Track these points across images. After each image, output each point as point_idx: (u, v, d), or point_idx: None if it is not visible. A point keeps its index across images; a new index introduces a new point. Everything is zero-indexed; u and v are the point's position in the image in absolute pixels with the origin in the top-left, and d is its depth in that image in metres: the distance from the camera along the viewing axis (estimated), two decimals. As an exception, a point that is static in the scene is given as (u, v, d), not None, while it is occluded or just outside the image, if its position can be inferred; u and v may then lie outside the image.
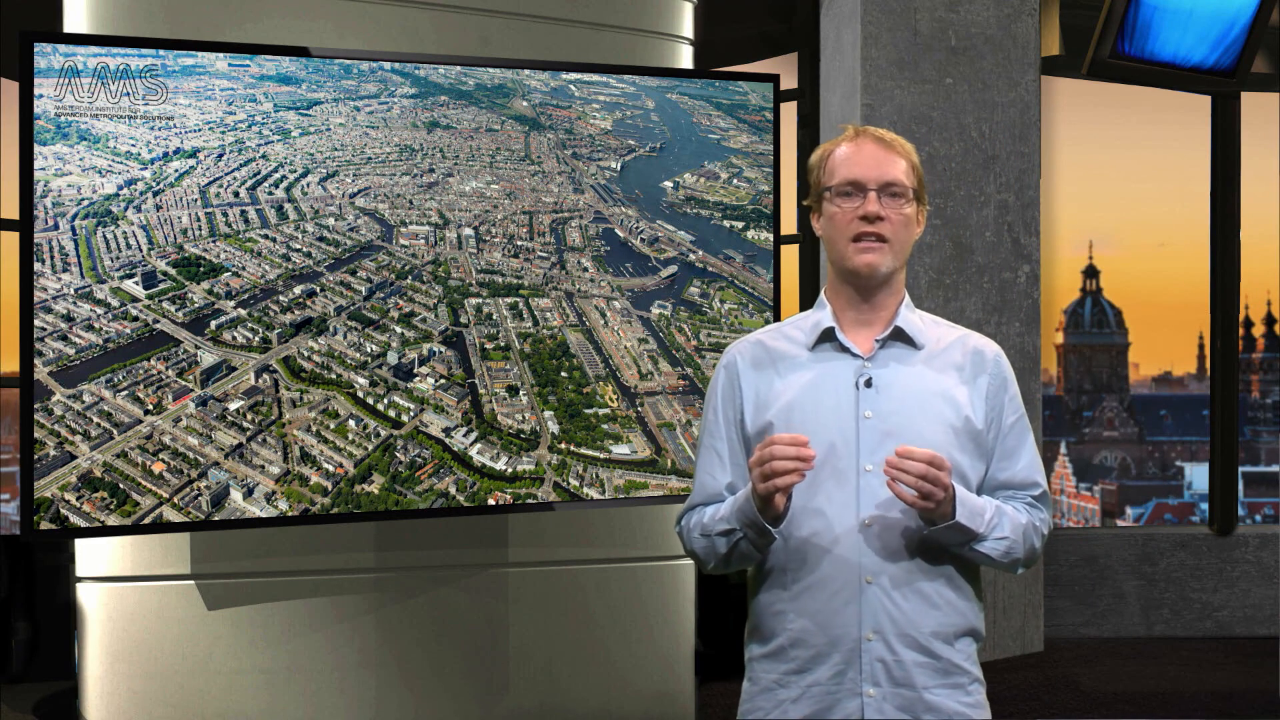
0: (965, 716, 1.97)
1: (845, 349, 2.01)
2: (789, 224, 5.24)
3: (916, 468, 1.83)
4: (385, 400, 3.50)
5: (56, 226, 3.22)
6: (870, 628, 1.93)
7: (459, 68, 3.67)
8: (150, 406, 3.28)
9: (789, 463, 1.82)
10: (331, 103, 3.53)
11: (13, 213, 3.44)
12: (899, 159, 2.00)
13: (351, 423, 3.46)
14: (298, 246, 3.46)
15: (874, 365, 1.99)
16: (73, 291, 3.23)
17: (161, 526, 3.30)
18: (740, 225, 3.89)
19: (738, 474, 2.05)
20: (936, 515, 1.89)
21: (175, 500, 3.29)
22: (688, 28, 4.27)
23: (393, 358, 3.51)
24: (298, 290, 3.44)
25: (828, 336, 2.02)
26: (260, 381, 3.38)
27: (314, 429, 3.42)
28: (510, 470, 3.59)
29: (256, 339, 3.39)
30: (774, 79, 3.95)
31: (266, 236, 3.44)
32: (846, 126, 2.06)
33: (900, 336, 2.02)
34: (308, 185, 3.48)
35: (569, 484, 3.64)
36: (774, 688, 2.00)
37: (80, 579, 3.66)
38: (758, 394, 2.04)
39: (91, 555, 3.64)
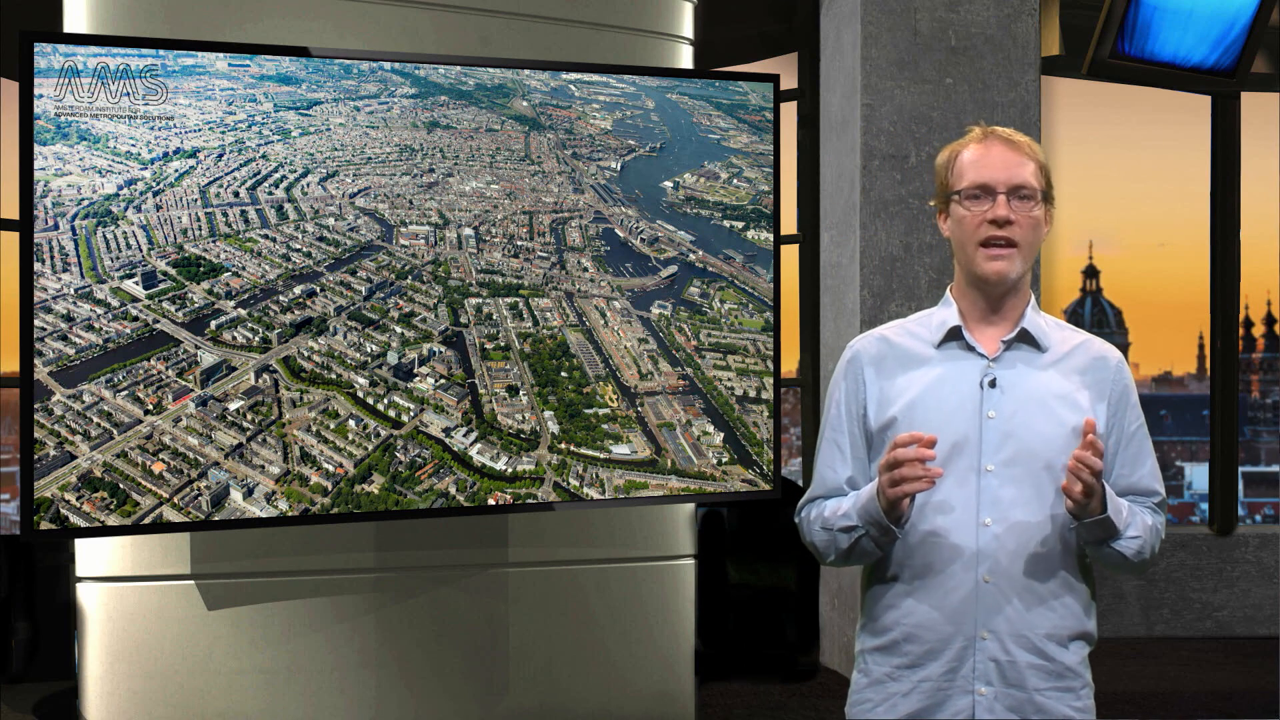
0: None
1: (971, 348, 2.03)
2: (789, 224, 5.24)
3: (1096, 463, 1.85)
4: (385, 400, 3.50)
5: (56, 226, 3.22)
6: (985, 626, 1.95)
7: (459, 68, 3.67)
8: (150, 406, 3.28)
9: (916, 468, 1.84)
10: (331, 103, 3.53)
11: (13, 213, 3.44)
12: (1028, 160, 2.00)
13: (351, 423, 3.46)
14: (298, 246, 3.46)
15: (999, 366, 2.01)
16: (73, 291, 3.23)
17: (161, 526, 3.30)
18: (740, 225, 3.89)
19: (858, 468, 2.07)
20: (1088, 510, 1.90)
21: (175, 500, 3.29)
22: (688, 28, 4.27)
23: (393, 358, 3.51)
24: (298, 290, 3.44)
25: (954, 335, 2.04)
26: (260, 381, 3.38)
27: (314, 429, 3.42)
28: (510, 470, 3.59)
29: (256, 339, 3.39)
30: (774, 79, 3.95)
31: (266, 236, 3.44)
32: (973, 127, 2.06)
33: (1026, 339, 2.03)
34: (308, 185, 3.48)
35: (569, 484, 3.64)
36: (885, 680, 2.02)
37: (80, 579, 3.66)
38: (881, 390, 2.05)
39: (91, 555, 3.64)
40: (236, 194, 3.41)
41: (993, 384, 2.00)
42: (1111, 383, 2.04)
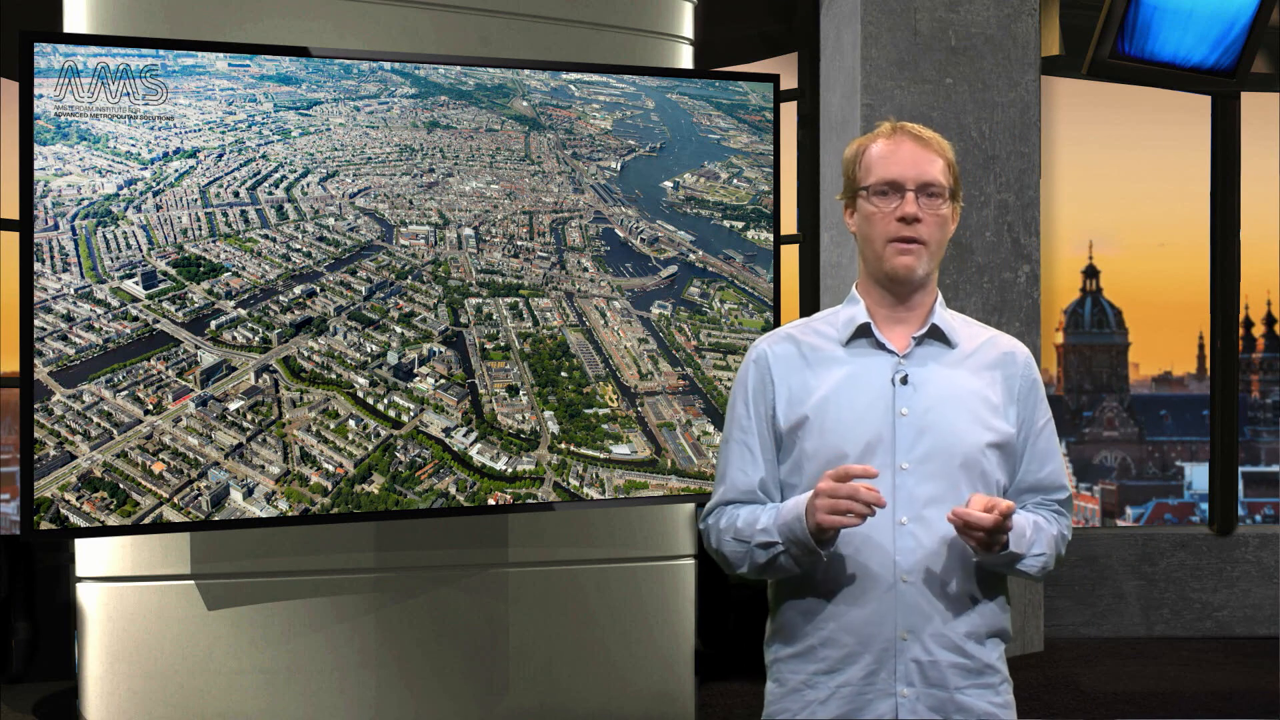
0: (995, 717, 1.96)
1: (881, 346, 1.99)
2: (789, 224, 5.24)
3: (984, 519, 1.82)
4: (385, 400, 3.50)
5: (56, 226, 3.22)
6: (905, 627, 1.92)
7: (459, 68, 3.67)
8: (150, 406, 3.28)
9: (863, 507, 1.81)
10: (331, 103, 3.53)
11: (13, 213, 3.44)
12: (936, 157, 1.98)
13: (351, 423, 3.45)
14: (298, 246, 3.46)
15: (910, 363, 1.98)
16: (73, 291, 3.23)
17: (161, 526, 3.30)
18: (740, 225, 3.89)
19: (769, 469, 2.02)
20: (992, 550, 1.89)
21: (175, 500, 3.29)
22: (688, 28, 4.27)
23: (393, 358, 3.51)
24: (298, 290, 3.44)
25: (863, 333, 2.01)
26: (260, 381, 3.38)
27: (314, 429, 3.42)
28: (510, 470, 3.59)
29: (256, 339, 3.39)
30: (774, 79, 3.95)
31: (266, 236, 3.44)
32: (883, 122, 2.03)
33: (936, 335, 2.01)
34: (308, 185, 3.48)
35: (569, 484, 3.64)
36: (801, 689, 1.99)
37: (80, 579, 3.66)
38: (790, 389, 2.00)
39: (91, 555, 3.64)
40: (236, 194, 3.41)
41: (904, 381, 1.97)
42: (1020, 379, 2.02)
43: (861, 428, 1.94)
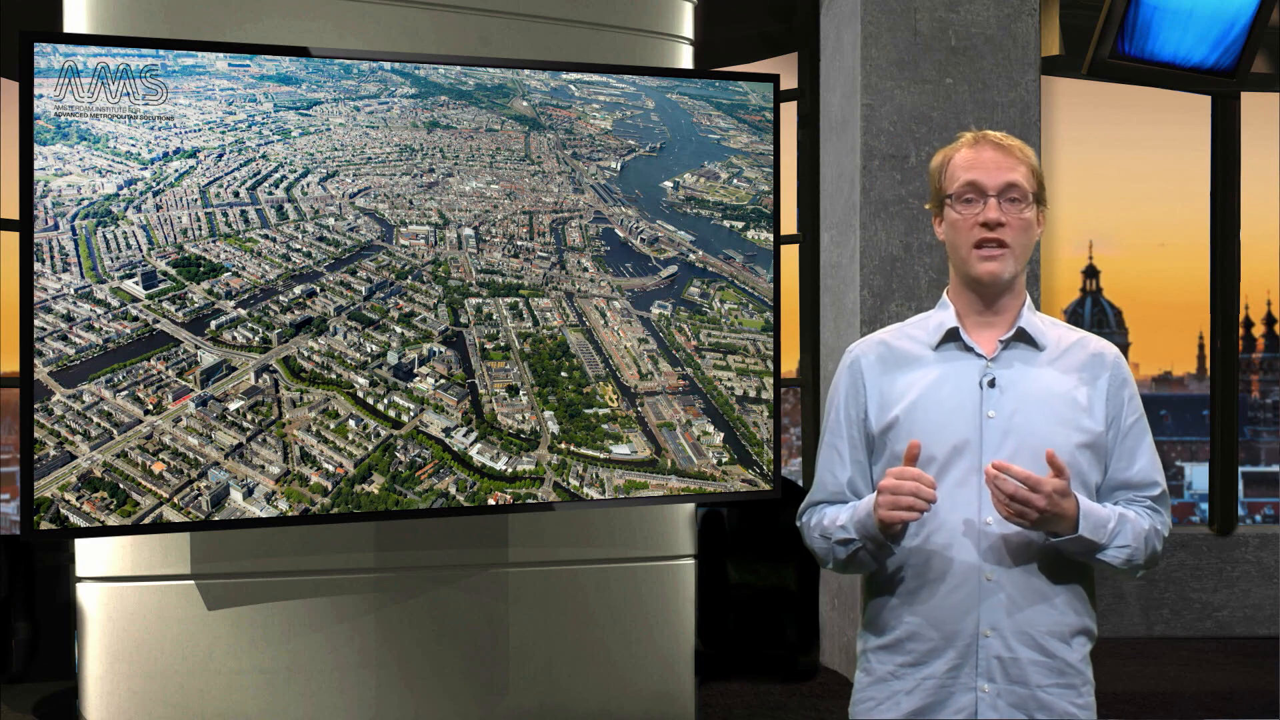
0: (1076, 718, 2.00)
1: (969, 349, 2.04)
2: (789, 224, 5.24)
3: (1008, 486, 1.87)
4: (385, 400, 3.50)
5: (56, 226, 3.22)
6: (988, 624, 1.97)
7: (459, 68, 3.67)
8: (150, 406, 3.28)
9: (918, 501, 1.87)
10: (331, 103, 3.53)
11: (13, 213, 3.44)
12: (1019, 163, 2.02)
13: (351, 423, 3.45)
14: (298, 246, 3.46)
15: (997, 365, 2.03)
16: (73, 291, 3.23)
17: (161, 526, 3.30)
18: (740, 225, 3.89)
19: (858, 471, 2.10)
20: (1058, 528, 1.92)
21: (175, 500, 3.29)
22: (688, 28, 4.27)
23: (393, 358, 3.51)
24: (298, 290, 3.44)
25: (952, 336, 2.06)
26: (260, 381, 3.38)
27: (314, 429, 3.42)
28: (510, 470, 3.59)
29: (256, 339, 3.39)
30: (774, 79, 3.95)
31: (266, 236, 3.44)
32: (965, 132, 2.08)
33: (1023, 338, 2.05)
34: (308, 185, 3.48)
35: (569, 484, 3.64)
36: (888, 679, 2.04)
37: (80, 579, 3.66)
38: (882, 393, 2.07)
39: (91, 555, 3.64)
40: (236, 194, 3.41)
41: (992, 384, 2.01)
42: (1109, 378, 2.06)
43: (949, 430, 1.99)
